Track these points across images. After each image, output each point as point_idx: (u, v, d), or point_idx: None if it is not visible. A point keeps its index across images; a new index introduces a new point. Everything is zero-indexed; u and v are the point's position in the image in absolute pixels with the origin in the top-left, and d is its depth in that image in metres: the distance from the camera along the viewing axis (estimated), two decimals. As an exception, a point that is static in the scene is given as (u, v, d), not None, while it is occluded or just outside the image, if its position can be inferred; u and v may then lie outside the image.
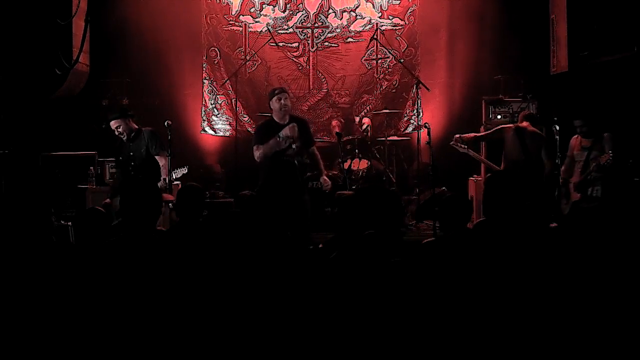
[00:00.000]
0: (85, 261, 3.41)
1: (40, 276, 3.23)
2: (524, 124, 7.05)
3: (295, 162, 5.95)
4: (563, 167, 6.93)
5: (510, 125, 7.21)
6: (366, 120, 8.56)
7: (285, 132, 6.02)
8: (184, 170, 6.34)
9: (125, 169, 6.32)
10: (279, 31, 9.24)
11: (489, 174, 4.40)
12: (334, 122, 8.71)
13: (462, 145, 7.09)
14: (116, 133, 6.22)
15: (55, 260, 3.36)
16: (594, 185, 6.66)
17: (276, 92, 6.13)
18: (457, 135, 7.18)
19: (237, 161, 8.34)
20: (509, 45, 8.71)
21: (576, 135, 6.96)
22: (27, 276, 3.22)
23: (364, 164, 8.17)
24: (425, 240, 3.84)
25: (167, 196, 6.01)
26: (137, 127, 6.32)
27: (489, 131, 7.43)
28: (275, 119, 6.15)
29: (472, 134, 7.30)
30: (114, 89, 8.63)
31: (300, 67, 9.31)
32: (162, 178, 6.16)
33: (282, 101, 6.07)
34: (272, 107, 6.16)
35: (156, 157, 6.22)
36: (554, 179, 6.90)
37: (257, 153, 6.06)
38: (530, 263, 3.28)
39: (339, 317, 3.08)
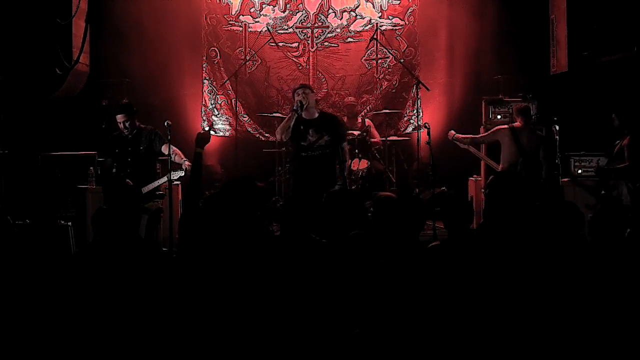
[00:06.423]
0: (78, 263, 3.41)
1: (45, 275, 3.24)
2: (518, 122, 7.02)
3: (317, 154, 6.17)
4: None
5: (505, 126, 7.17)
6: (368, 122, 8.54)
7: (297, 98, 6.21)
8: (181, 173, 6.35)
9: (121, 164, 6.38)
10: (279, 31, 9.24)
11: (491, 176, 4.33)
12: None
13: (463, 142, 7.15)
14: (120, 126, 6.34)
15: (57, 259, 3.36)
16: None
17: (294, 89, 6.35)
18: (452, 132, 7.18)
19: (237, 161, 8.33)
20: (509, 45, 8.71)
21: None
22: (31, 275, 3.22)
23: (364, 164, 8.15)
24: (431, 244, 3.77)
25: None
26: (139, 125, 6.43)
27: (485, 134, 7.41)
28: (302, 115, 6.24)
29: (470, 136, 7.30)
30: (114, 89, 8.62)
31: (300, 67, 9.31)
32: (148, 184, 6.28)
33: (296, 97, 6.23)
34: None
35: (163, 149, 6.29)
36: (554, 180, 6.88)
37: (277, 131, 6.46)
38: (535, 267, 3.27)
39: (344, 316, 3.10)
